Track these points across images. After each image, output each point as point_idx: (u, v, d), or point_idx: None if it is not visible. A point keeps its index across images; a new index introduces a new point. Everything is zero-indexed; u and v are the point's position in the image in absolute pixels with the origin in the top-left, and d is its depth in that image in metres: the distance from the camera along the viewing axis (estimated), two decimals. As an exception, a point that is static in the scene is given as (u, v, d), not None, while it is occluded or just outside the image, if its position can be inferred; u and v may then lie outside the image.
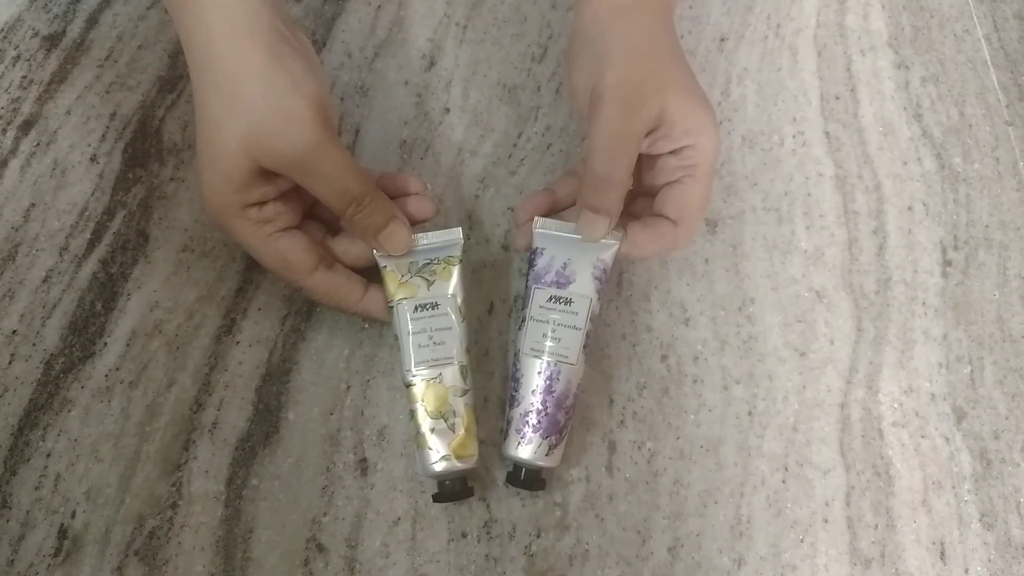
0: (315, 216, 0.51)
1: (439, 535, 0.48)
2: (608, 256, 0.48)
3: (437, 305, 0.48)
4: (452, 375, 0.47)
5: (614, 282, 0.54)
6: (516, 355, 0.48)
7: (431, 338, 0.47)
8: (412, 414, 0.47)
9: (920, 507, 0.50)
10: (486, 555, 0.47)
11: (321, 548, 0.47)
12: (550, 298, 0.47)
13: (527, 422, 0.46)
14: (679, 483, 0.50)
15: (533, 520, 0.48)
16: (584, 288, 0.47)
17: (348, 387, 0.51)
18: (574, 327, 0.47)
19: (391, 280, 0.49)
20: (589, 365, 0.52)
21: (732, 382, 0.52)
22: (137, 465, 0.48)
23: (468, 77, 0.61)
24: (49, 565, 0.46)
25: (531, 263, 0.49)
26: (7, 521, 0.47)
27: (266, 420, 0.50)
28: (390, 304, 0.49)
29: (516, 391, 0.47)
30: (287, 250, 0.47)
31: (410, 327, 0.47)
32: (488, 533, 0.48)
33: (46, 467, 0.48)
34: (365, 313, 0.49)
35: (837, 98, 0.62)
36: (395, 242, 0.48)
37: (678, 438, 0.51)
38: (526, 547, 0.48)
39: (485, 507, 0.48)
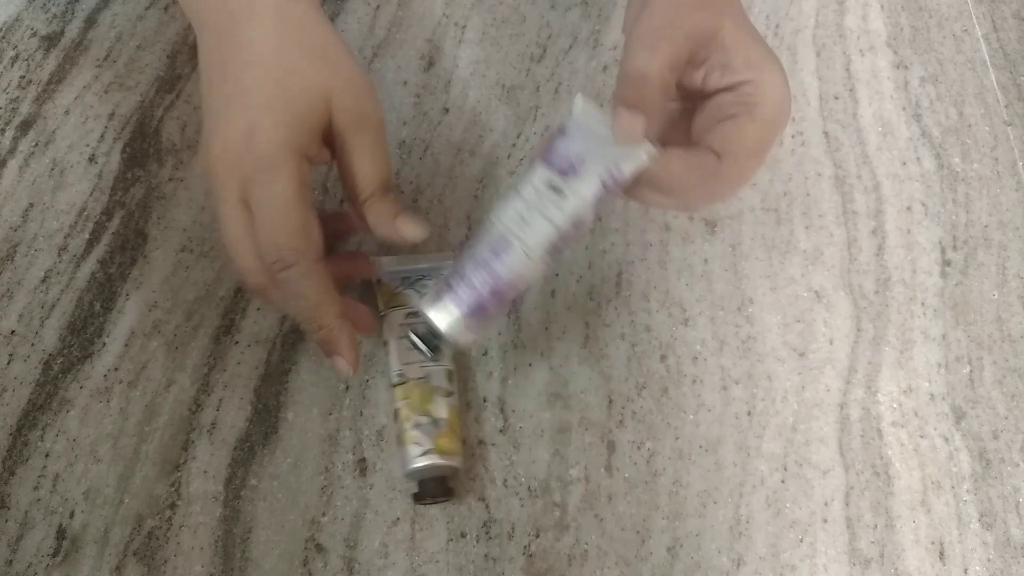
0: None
1: (438, 535, 0.48)
2: (628, 167, 0.41)
3: None
4: (438, 376, 0.48)
5: (613, 282, 0.54)
6: (487, 216, 0.43)
7: None
8: (396, 413, 0.47)
9: (919, 507, 0.50)
10: (485, 555, 0.47)
11: (320, 548, 0.47)
12: (545, 182, 0.42)
13: (450, 285, 0.42)
14: (678, 483, 0.50)
15: (532, 520, 0.48)
16: (585, 188, 0.41)
17: (347, 387, 0.51)
18: (551, 221, 0.41)
19: (384, 292, 0.50)
20: (588, 365, 0.52)
21: (731, 382, 0.52)
22: (136, 465, 0.48)
23: (467, 77, 0.61)
24: (47, 565, 0.46)
25: (550, 138, 0.43)
26: (5, 521, 0.47)
27: (265, 420, 0.50)
28: (381, 314, 0.50)
29: (462, 251, 0.43)
30: (312, 221, 0.43)
31: (400, 332, 0.49)
32: (487, 533, 0.48)
33: (45, 467, 0.48)
34: (341, 320, 0.45)
35: (836, 98, 0.62)
36: (412, 229, 0.45)
37: (677, 438, 0.51)
38: (525, 547, 0.48)
39: (484, 507, 0.48)
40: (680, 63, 0.42)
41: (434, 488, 0.46)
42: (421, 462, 0.46)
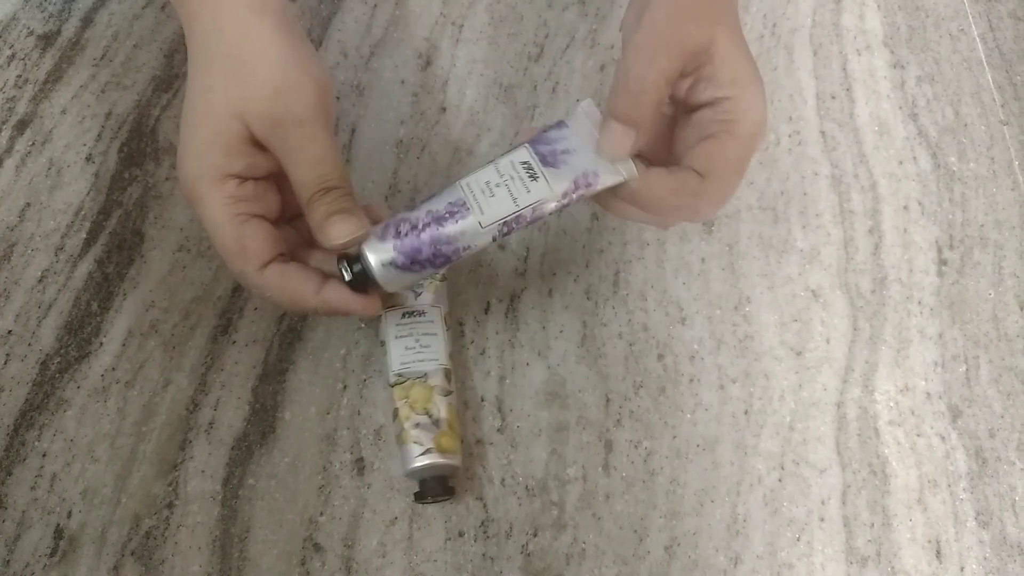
0: (294, 226, 0.47)
1: (436, 534, 0.48)
2: (604, 180, 0.42)
3: (424, 313, 0.49)
4: (437, 375, 0.48)
5: (610, 281, 0.54)
6: (456, 180, 0.44)
7: (417, 341, 0.49)
8: (395, 413, 0.47)
9: (916, 505, 0.50)
10: (483, 554, 0.47)
11: (318, 547, 0.47)
12: (523, 163, 0.42)
13: (398, 227, 0.42)
14: (676, 482, 0.50)
15: (530, 519, 0.48)
16: (557, 181, 0.42)
17: (344, 387, 0.51)
18: (514, 200, 0.42)
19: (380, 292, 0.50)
20: (586, 365, 0.52)
21: (728, 381, 0.52)
22: (133, 465, 0.48)
23: (464, 76, 0.61)
24: (45, 565, 0.46)
25: (546, 127, 0.44)
26: (3, 521, 0.47)
27: (262, 420, 0.50)
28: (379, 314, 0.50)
29: (423, 201, 0.43)
30: (248, 235, 0.43)
31: (397, 331, 0.49)
32: (485, 532, 0.48)
33: (42, 467, 0.48)
34: (326, 306, 0.44)
35: (833, 97, 0.62)
36: (338, 229, 0.42)
37: (675, 437, 0.51)
38: (523, 546, 0.48)
39: (482, 506, 0.48)
40: (675, 76, 0.42)
41: (435, 487, 0.46)
42: (422, 461, 0.46)
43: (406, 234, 0.42)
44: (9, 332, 0.51)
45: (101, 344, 0.51)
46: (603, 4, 0.64)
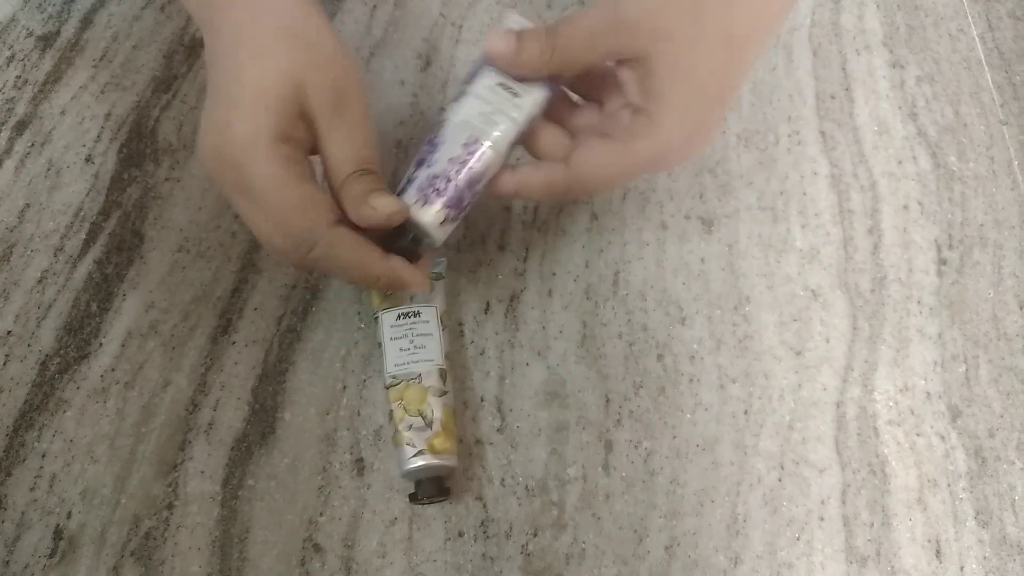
0: None
1: (436, 535, 0.48)
2: (558, 87, 0.45)
3: (419, 313, 0.50)
4: (431, 376, 0.48)
5: (610, 281, 0.54)
6: (442, 122, 0.45)
7: (412, 342, 0.49)
8: (391, 415, 0.47)
9: (915, 505, 0.50)
10: (483, 554, 0.47)
11: (318, 548, 0.47)
12: (499, 84, 0.44)
13: (435, 186, 0.43)
14: (675, 482, 0.50)
15: (530, 519, 0.48)
16: (535, 92, 0.44)
17: (344, 387, 0.51)
18: (512, 118, 0.44)
19: (377, 294, 0.50)
20: (585, 365, 0.52)
21: (728, 381, 0.52)
22: (133, 466, 0.48)
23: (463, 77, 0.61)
24: (44, 566, 0.46)
25: (484, 60, 0.45)
26: (2, 522, 0.47)
27: (262, 420, 0.50)
28: (375, 315, 0.50)
29: (432, 154, 0.44)
30: (314, 193, 0.42)
31: (392, 333, 0.49)
32: (485, 532, 0.48)
33: (41, 468, 0.48)
34: (391, 274, 0.43)
35: (832, 97, 0.62)
36: (385, 204, 0.42)
37: (674, 437, 0.51)
38: (523, 546, 0.48)
39: (482, 507, 0.48)
40: (614, 53, 0.42)
41: (429, 488, 0.46)
42: (415, 463, 0.46)
43: (444, 189, 0.43)
44: (9, 333, 0.51)
45: (100, 345, 0.51)
46: (602, 4, 0.64)
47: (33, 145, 0.56)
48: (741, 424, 0.51)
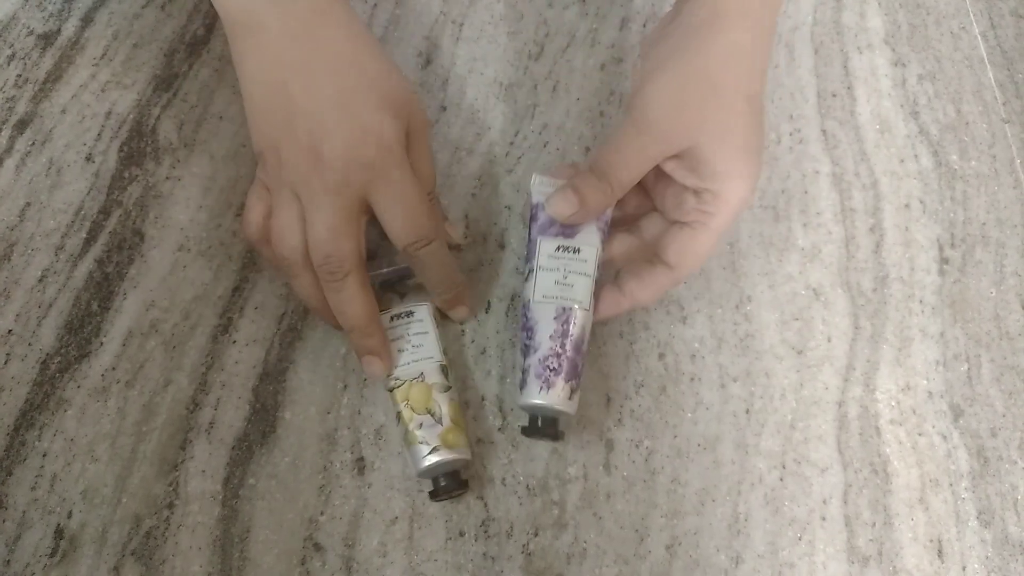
0: None
1: (437, 534, 0.48)
2: (609, 211, 0.49)
3: (412, 313, 0.49)
4: (433, 373, 0.48)
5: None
6: (526, 305, 0.48)
7: (409, 342, 0.48)
8: (399, 416, 0.47)
9: (917, 505, 0.50)
10: (484, 554, 0.47)
11: (318, 547, 0.47)
12: (558, 248, 0.48)
13: (548, 366, 0.46)
14: (677, 481, 0.50)
15: (531, 519, 0.48)
16: (590, 237, 0.48)
17: (345, 386, 0.51)
18: (584, 274, 0.47)
19: None
20: (586, 363, 0.52)
21: (729, 380, 0.52)
22: (134, 465, 0.48)
23: (464, 75, 0.61)
24: (45, 565, 0.46)
25: (533, 217, 0.49)
26: (3, 521, 0.47)
27: (263, 419, 0.50)
28: None
29: (531, 339, 0.47)
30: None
31: (387, 335, 0.48)
32: (486, 532, 0.48)
33: (42, 467, 0.48)
34: (378, 332, 0.48)
35: (834, 95, 0.62)
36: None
37: (675, 436, 0.51)
38: (524, 546, 0.48)
39: (483, 506, 0.48)
40: (637, 177, 0.46)
41: (448, 483, 0.47)
42: (430, 460, 0.46)
43: (559, 367, 0.46)
44: (9, 332, 0.51)
45: (101, 344, 0.51)
46: (603, 3, 0.64)
47: (34, 144, 0.56)
48: (742, 423, 0.51)
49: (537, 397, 0.46)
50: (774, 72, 0.62)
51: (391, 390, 0.48)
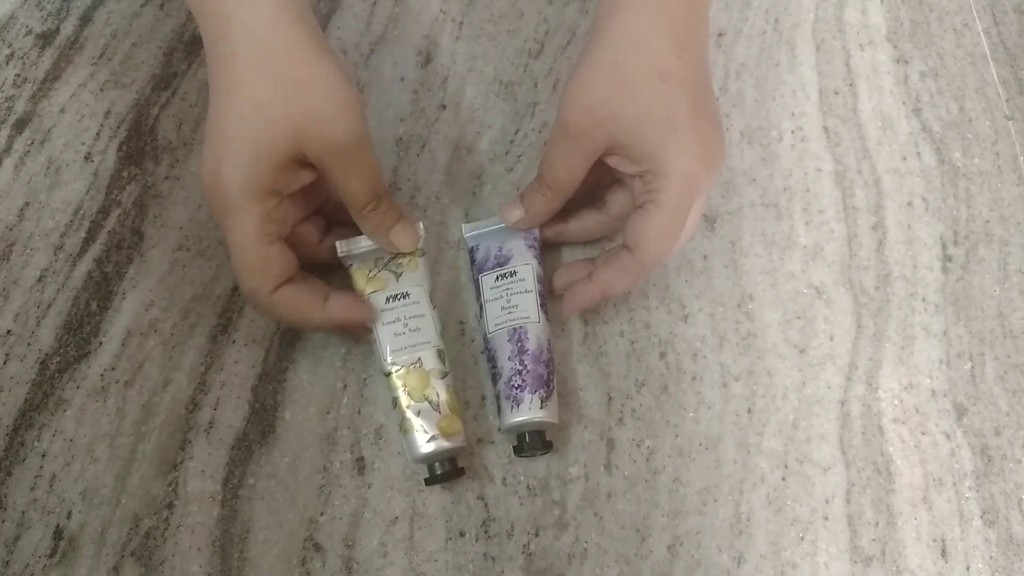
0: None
1: (437, 534, 0.47)
2: (535, 229, 0.51)
3: (408, 294, 0.49)
4: (431, 359, 0.48)
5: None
6: (485, 339, 0.50)
7: (406, 326, 0.48)
8: (395, 402, 0.47)
9: (921, 504, 0.49)
10: (484, 554, 0.47)
11: (318, 548, 0.47)
12: (496, 278, 0.50)
13: (513, 385, 0.47)
14: (678, 481, 0.49)
15: (531, 519, 0.48)
16: (523, 257, 0.50)
17: (345, 386, 0.51)
18: (525, 291, 0.49)
19: (359, 277, 0.49)
20: (587, 363, 0.52)
21: (731, 379, 0.52)
22: (133, 465, 0.48)
23: (464, 73, 0.61)
24: (45, 566, 0.46)
25: (472, 261, 0.52)
26: (2, 522, 0.46)
27: (262, 419, 0.49)
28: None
29: (495, 367, 0.48)
30: (272, 257, 0.45)
31: (384, 317, 0.48)
32: (486, 532, 0.48)
33: (41, 467, 0.48)
34: (331, 321, 0.47)
35: (836, 93, 0.61)
36: (404, 240, 0.48)
37: (677, 436, 0.50)
38: (524, 546, 0.47)
39: (483, 506, 0.48)
40: (589, 165, 0.47)
41: (444, 470, 0.47)
42: (428, 448, 0.46)
43: (523, 383, 0.47)
44: (8, 332, 0.51)
45: (100, 344, 0.51)
46: (604, 0, 0.64)
47: (32, 143, 0.56)
48: (744, 422, 0.51)
49: (511, 417, 0.47)
50: (775, 70, 0.62)
51: (388, 375, 0.47)
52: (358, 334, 0.51)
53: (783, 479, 0.50)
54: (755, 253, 0.56)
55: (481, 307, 0.50)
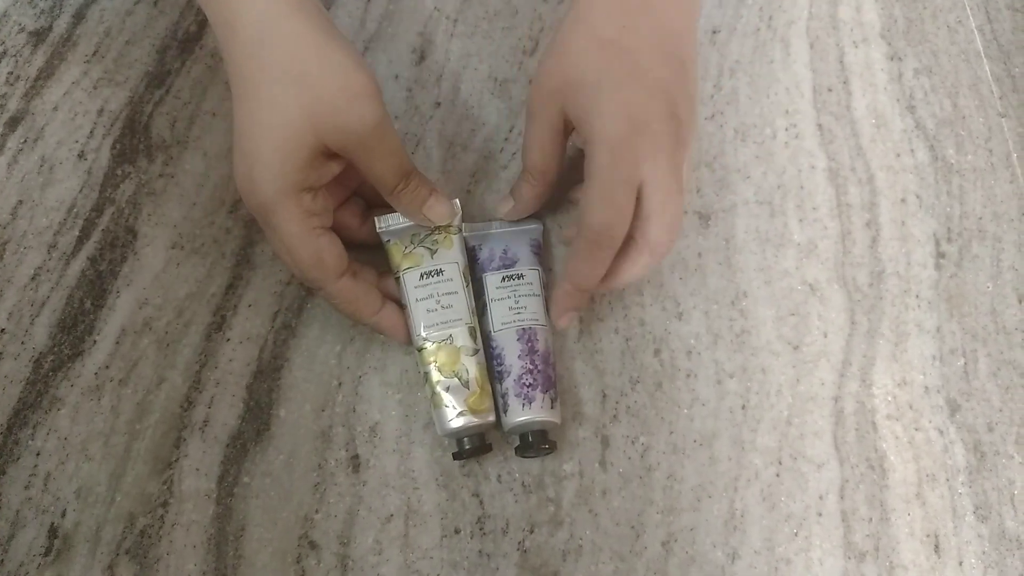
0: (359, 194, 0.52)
1: (432, 531, 0.47)
2: (538, 235, 0.53)
3: (442, 271, 0.49)
4: (462, 336, 0.48)
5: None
6: (488, 336, 0.49)
7: (439, 302, 0.48)
8: (426, 376, 0.47)
9: (914, 500, 0.50)
10: (479, 551, 0.47)
11: (313, 545, 0.47)
12: (503, 279, 0.50)
13: (525, 383, 0.48)
14: (673, 478, 0.49)
15: (526, 516, 0.48)
16: (529, 262, 0.51)
17: (340, 383, 0.51)
18: (533, 295, 0.50)
19: (396, 253, 0.50)
20: (582, 360, 0.52)
21: (725, 376, 0.52)
22: (128, 463, 0.48)
23: (459, 71, 0.60)
24: (39, 564, 0.46)
25: (474, 258, 0.52)
26: (-4, 521, 0.46)
27: (257, 417, 0.49)
28: (396, 275, 0.50)
29: (501, 364, 0.49)
30: (325, 249, 0.46)
31: (417, 294, 0.49)
32: (481, 529, 0.48)
33: (36, 466, 0.48)
34: (377, 326, 0.49)
35: (830, 90, 0.61)
36: (438, 213, 0.49)
37: (671, 432, 0.50)
38: (519, 543, 0.48)
39: (478, 503, 0.48)
40: (550, 155, 0.49)
41: (473, 446, 0.47)
42: (457, 423, 0.46)
43: (534, 382, 0.48)
44: (2, 330, 0.51)
45: (95, 342, 0.51)
46: (598, -3, 0.64)
47: (26, 141, 0.56)
48: (739, 419, 0.51)
49: (522, 414, 0.47)
50: (769, 67, 0.62)
51: (420, 350, 0.48)
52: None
53: (777, 475, 0.50)
54: (749, 250, 0.56)
55: (485, 305, 0.50)
